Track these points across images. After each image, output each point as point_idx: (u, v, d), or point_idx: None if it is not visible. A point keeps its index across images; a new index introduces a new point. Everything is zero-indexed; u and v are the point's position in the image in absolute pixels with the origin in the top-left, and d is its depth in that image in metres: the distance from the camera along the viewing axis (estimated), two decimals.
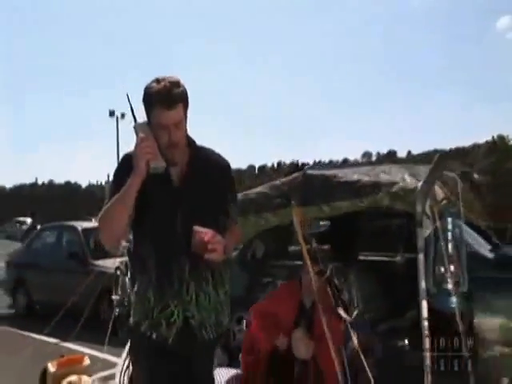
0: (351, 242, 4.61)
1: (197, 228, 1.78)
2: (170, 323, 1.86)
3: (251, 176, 74.87)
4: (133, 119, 1.85)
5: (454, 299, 1.87)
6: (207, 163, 1.94)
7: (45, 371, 4.00)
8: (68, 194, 64.11)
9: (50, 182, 76.23)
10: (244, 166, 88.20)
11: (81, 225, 8.76)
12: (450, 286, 1.85)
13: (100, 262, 7.34)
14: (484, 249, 3.61)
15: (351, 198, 2.48)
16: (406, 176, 2.19)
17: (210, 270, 1.87)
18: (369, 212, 3.94)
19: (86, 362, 3.99)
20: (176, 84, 1.84)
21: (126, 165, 1.86)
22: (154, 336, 1.87)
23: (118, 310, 3.69)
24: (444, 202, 1.91)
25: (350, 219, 4.45)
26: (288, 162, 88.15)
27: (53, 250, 8.67)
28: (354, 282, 3.50)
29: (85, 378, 3.70)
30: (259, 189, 3.25)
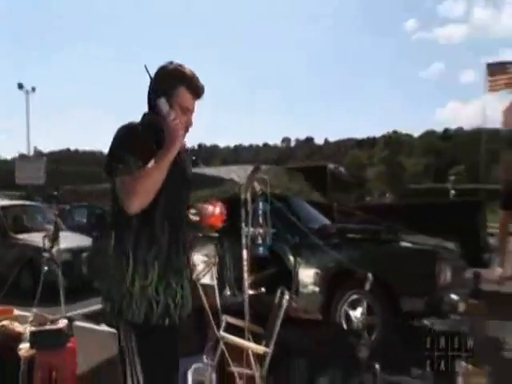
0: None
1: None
2: (176, 305, 1.90)
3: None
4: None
5: (261, 249, 3.16)
6: (185, 154, 2.07)
7: None
8: None
9: None
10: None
11: None
12: (260, 242, 3.14)
13: (22, 236, 8.08)
14: (316, 223, 5.13)
15: (211, 187, 3.68)
16: (240, 175, 3.38)
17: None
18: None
19: (16, 312, 4.79)
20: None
21: (141, 135, 1.85)
22: (167, 322, 1.86)
23: (46, 267, 4.58)
24: (259, 192, 3.12)
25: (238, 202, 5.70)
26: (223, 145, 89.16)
27: None
28: (227, 247, 4.78)
29: (16, 323, 4.51)
30: None
